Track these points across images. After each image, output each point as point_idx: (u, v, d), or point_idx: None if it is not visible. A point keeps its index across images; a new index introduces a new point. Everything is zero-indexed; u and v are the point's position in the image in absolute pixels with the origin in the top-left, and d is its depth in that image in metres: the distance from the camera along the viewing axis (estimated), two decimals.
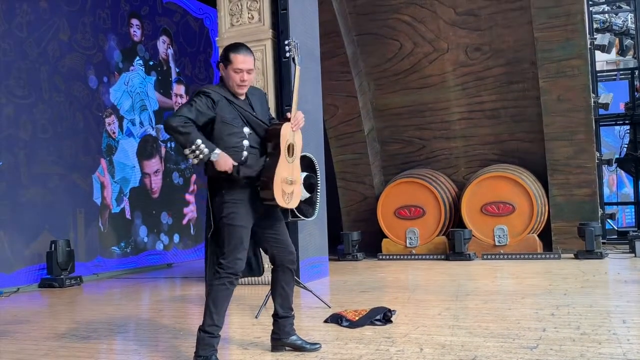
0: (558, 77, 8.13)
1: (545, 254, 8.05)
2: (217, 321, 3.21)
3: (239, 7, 6.60)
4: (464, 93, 9.00)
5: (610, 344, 3.37)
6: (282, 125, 3.33)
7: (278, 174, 3.26)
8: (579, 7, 7.92)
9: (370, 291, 5.80)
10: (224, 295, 3.22)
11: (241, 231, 3.23)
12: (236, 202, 3.24)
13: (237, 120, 3.27)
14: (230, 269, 3.21)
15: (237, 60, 3.27)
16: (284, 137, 3.31)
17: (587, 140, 8.22)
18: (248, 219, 3.27)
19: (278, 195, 3.26)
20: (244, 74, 3.28)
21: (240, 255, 3.23)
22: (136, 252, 8.61)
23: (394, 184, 8.98)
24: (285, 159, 3.32)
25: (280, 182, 3.26)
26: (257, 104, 3.43)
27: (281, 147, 3.29)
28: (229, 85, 3.31)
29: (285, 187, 3.31)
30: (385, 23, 8.98)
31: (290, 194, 3.35)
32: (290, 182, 3.34)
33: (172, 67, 9.64)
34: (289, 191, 3.34)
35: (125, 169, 8.53)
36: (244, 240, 3.24)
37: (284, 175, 3.29)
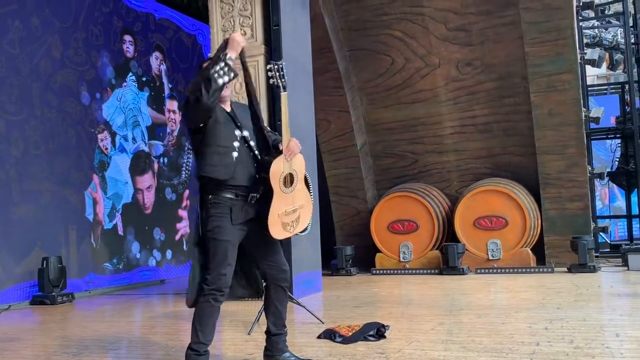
0: (549, 92, 8.19)
1: (538, 268, 8.06)
2: (202, 339, 3.18)
3: (232, 23, 6.63)
4: (456, 107, 9.05)
5: (603, 357, 3.37)
6: (273, 162, 3.25)
7: (273, 212, 3.22)
8: (568, 22, 8.00)
9: (363, 306, 5.78)
10: (209, 312, 3.18)
11: (226, 246, 3.18)
12: (222, 216, 3.19)
13: (229, 122, 3.27)
14: (214, 284, 3.16)
15: None
16: (275, 175, 3.24)
17: (578, 154, 8.27)
18: (234, 234, 3.22)
19: (276, 231, 3.25)
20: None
21: (224, 271, 3.17)
22: (129, 269, 8.56)
23: (387, 198, 8.99)
24: (280, 194, 3.26)
25: (277, 218, 3.23)
26: (240, 114, 3.39)
27: (273, 185, 3.23)
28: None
29: (286, 218, 3.28)
30: (377, 39, 9.03)
31: (295, 221, 3.33)
32: (292, 211, 3.31)
33: (165, 83, 9.65)
34: (292, 219, 3.32)
35: (118, 185, 8.51)
36: (228, 256, 3.19)
37: (281, 210, 3.26)
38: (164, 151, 9.46)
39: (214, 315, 3.22)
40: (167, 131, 9.59)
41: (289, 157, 3.30)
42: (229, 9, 6.66)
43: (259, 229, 3.29)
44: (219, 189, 3.21)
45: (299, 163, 3.37)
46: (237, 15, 6.61)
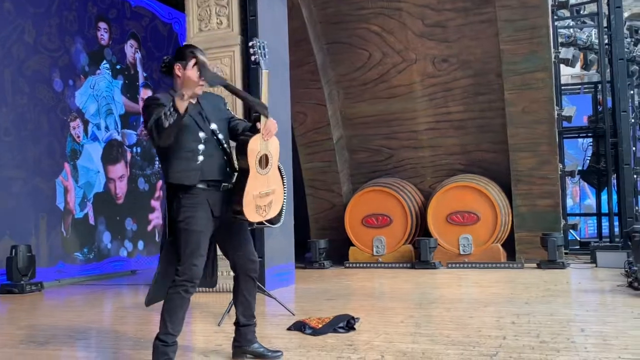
0: (523, 89, 8.27)
1: (508, 263, 8.16)
2: (171, 330, 3.16)
3: (208, 12, 6.58)
4: (432, 103, 9.10)
5: (568, 352, 3.43)
6: (250, 139, 3.23)
7: (248, 192, 3.18)
8: (544, 21, 8.08)
9: (335, 299, 5.80)
10: (178, 303, 3.16)
11: (198, 236, 3.17)
12: (194, 206, 3.18)
13: (192, 123, 3.21)
14: (185, 275, 3.14)
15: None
16: (252, 152, 3.22)
17: (550, 151, 8.38)
18: (207, 224, 3.21)
19: (250, 213, 3.19)
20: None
21: (196, 262, 3.16)
22: (99, 259, 8.48)
23: (362, 193, 9.02)
24: (256, 174, 3.22)
25: (252, 199, 3.18)
26: (208, 106, 3.33)
27: (250, 162, 3.20)
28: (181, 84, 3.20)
29: (260, 200, 3.22)
30: (354, 32, 9.03)
31: (268, 205, 3.27)
32: (266, 194, 3.25)
33: (140, 71, 9.55)
34: (265, 203, 3.25)
35: (90, 174, 8.40)
36: (201, 246, 3.18)
37: (257, 191, 3.21)
38: (137, 140, 9.37)
39: (184, 307, 3.20)
40: (141, 120, 9.49)
41: (267, 136, 3.26)
42: None
43: (230, 218, 3.29)
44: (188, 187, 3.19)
45: (274, 146, 3.33)
46: (214, 5, 6.55)
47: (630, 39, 12.99)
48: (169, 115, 2.96)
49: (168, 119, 2.96)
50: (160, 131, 3.01)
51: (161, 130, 3.00)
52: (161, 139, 3.04)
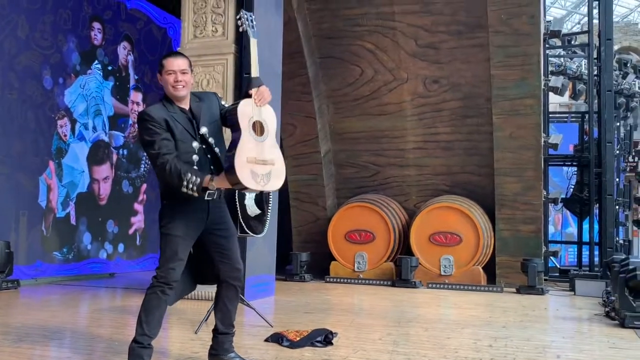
0: (511, 115, 8.36)
1: (488, 287, 8.19)
2: (147, 331, 3.16)
3: (204, 19, 6.59)
4: (420, 123, 9.16)
5: None
6: (240, 102, 3.16)
7: (241, 154, 3.01)
8: (535, 49, 8.18)
9: (314, 313, 5.78)
10: (154, 304, 3.17)
11: (177, 241, 3.17)
12: (175, 212, 3.19)
13: (185, 134, 3.21)
14: (163, 277, 3.16)
15: (168, 63, 3.25)
16: (242, 115, 3.11)
17: (535, 177, 8.45)
18: (188, 230, 3.21)
19: (245, 178, 2.99)
20: (177, 75, 3.23)
21: (173, 265, 3.17)
22: (78, 259, 8.38)
23: (347, 207, 9.03)
24: (250, 138, 3.08)
25: (247, 163, 3.01)
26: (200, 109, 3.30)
27: (241, 125, 3.09)
28: (168, 90, 3.25)
29: (257, 167, 3.04)
30: (348, 48, 9.09)
31: (267, 175, 3.07)
32: (263, 161, 3.07)
33: (131, 73, 9.52)
34: (264, 172, 3.06)
35: (74, 173, 8.33)
36: (179, 251, 3.18)
37: (251, 155, 3.04)
38: (124, 142, 9.32)
39: (160, 308, 3.20)
40: (129, 122, 9.44)
41: (260, 102, 3.18)
42: (202, 4, 6.62)
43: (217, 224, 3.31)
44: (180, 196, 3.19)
45: (270, 115, 3.22)
46: (210, 12, 6.57)
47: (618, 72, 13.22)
48: (190, 189, 3.01)
49: (187, 190, 3.01)
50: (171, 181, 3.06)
51: (172, 182, 3.06)
52: (168, 180, 3.09)
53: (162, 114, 3.19)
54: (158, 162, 3.09)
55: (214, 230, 3.31)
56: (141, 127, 3.19)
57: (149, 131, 3.14)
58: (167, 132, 3.15)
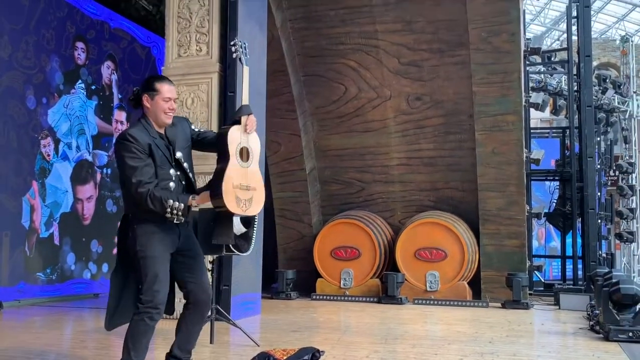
0: (493, 131, 8.45)
1: (473, 302, 8.23)
2: (134, 357, 3.13)
3: (188, 38, 6.62)
4: (404, 140, 9.23)
5: None
6: (230, 128, 3.24)
7: (228, 179, 3.12)
8: (516, 65, 8.31)
9: (301, 331, 5.77)
10: (142, 330, 3.14)
11: (157, 263, 3.16)
12: (149, 235, 3.18)
13: (164, 160, 3.23)
14: (149, 302, 3.13)
15: (165, 90, 3.26)
16: (232, 141, 3.21)
17: (518, 193, 8.53)
18: (164, 252, 3.20)
19: (231, 202, 3.11)
20: (172, 103, 3.27)
21: (157, 288, 3.15)
22: (62, 280, 8.30)
23: (332, 224, 9.05)
24: (237, 164, 3.20)
25: (232, 188, 3.13)
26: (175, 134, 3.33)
27: (230, 151, 3.19)
28: (156, 115, 3.25)
29: (241, 193, 3.16)
30: (332, 67, 9.16)
31: (249, 200, 3.19)
32: (246, 187, 3.19)
33: (115, 93, 9.51)
34: (246, 197, 3.18)
35: (57, 193, 8.28)
36: (159, 272, 3.16)
37: (237, 182, 3.15)
38: (107, 162, 9.28)
39: (147, 334, 3.17)
40: (113, 142, 9.40)
41: (249, 129, 3.28)
42: (186, 24, 6.65)
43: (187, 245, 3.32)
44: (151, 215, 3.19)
45: (255, 142, 3.34)
46: (194, 32, 6.60)
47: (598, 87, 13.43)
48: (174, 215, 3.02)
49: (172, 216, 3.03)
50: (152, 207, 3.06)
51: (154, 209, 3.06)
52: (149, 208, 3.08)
53: (145, 138, 3.18)
54: (138, 189, 3.08)
55: (183, 251, 3.32)
56: (124, 148, 3.15)
57: (132, 154, 3.12)
58: (149, 158, 3.15)
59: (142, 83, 3.36)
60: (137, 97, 3.30)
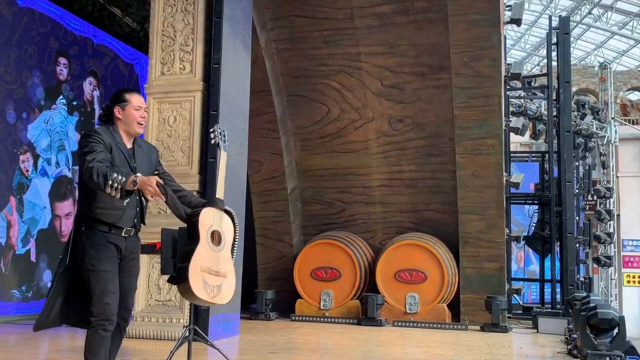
0: (474, 154, 8.53)
1: (453, 325, 8.23)
2: None
3: (172, 56, 6.63)
4: (386, 161, 9.27)
5: None
6: (202, 210, 3.23)
7: (196, 262, 3.07)
8: (496, 90, 8.42)
9: (279, 352, 5.72)
10: (97, 343, 3.16)
11: (105, 276, 3.18)
12: (100, 247, 3.19)
13: (126, 165, 3.25)
14: (100, 315, 3.15)
15: (135, 100, 3.34)
16: (202, 223, 3.18)
17: (497, 216, 8.60)
18: (111, 262, 3.21)
19: (197, 286, 3.06)
20: (142, 111, 3.35)
21: (107, 300, 3.16)
22: (38, 297, 8.15)
23: (313, 245, 9.03)
24: (207, 247, 3.15)
25: (200, 272, 3.08)
26: (141, 155, 3.38)
27: (201, 233, 3.16)
28: (128, 125, 3.30)
29: (209, 277, 3.11)
30: (315, 87, 9.21)
31: (217, 287, 3.14)
32: (216, 272, 3.13)
33: (97, 109, 9.45)
34: (215, 283, 3.13)
35: (35, 209, 8.17)
36: (108, 285, 3.18)
37: (205, 264, 3.10)
38: None
39: (104, 345, 3.19)
40: None
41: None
42: (170, 42, 6.66)
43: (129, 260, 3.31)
44: (101, 225, 3.21)
45: (229, 226, 3.31)
46: (178, 50, 6.61)
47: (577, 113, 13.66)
48: (114, 188, 2.97)
49: (111, 190, 2.98)
50: (95, 184, 3.03)
51: (96, 185, 3.03)
52: (92, 186, 3.07)
53: (109, 138, 3.24)
54: (88, 165, 3.05)
55: (123, 266, 3.30)
56: (84, 142, 3.19)
57: (90, 144, 3.16)
58: (106, 151, 3.18)
59: (111, 98, 3.43)
60: (108, 111, 3.37)
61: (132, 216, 3.28)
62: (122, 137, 3.31)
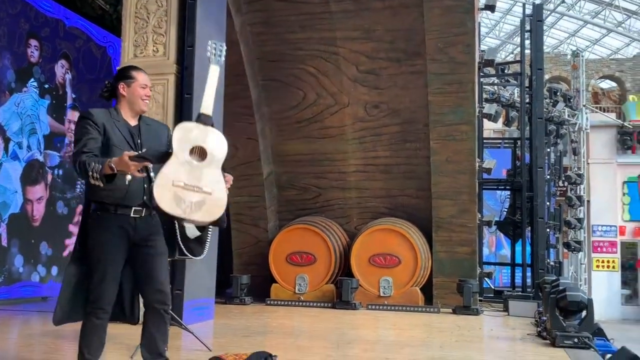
0: (448, 140, 8.60)
1: (425, 308, 8.34)
2: (88, 355, 3.12)
3: (145, 39, 6.55)
4: (361, 147, 9.31)
5: None
6: (178, 125, 3.08)
7: (164, 176, 2.85)
8: (470, 77, 8.48)
9: (254, 336, 5.75)
10: (90, 328, 3.14)
11: (105, 263, 3.13)
12: (105, 231, 3.15)
13: (124, 144, 3.19)
14: (95, 302, 3.13)
15: (141, 77, 3.33)
16: (176, 139, 2.96)
17: (470, 201, 8.70)
18: (118, 250, 3.15)
19: (164, 200, 2.82)
20: (148, 90, 3.34)
21: (103, 287, 3.12)
22: (9, 283, 8.06)
23: (288, 230, 9.05)
24: (182, 162, 2.91)
25: (170, 186, 2.85)
26: (147, 132, 3.32)
27: (174, 148, 2.94)
28: (132, 102, 3.28)
29: (183, 192, 2.86)
30: (291, 72, 9.18)
31: (196, 205, 2.88)
32: (195, 188, 2.89)
33: (69, 92, 9.32)
34: (192, 200, 2.87)
35: (6, 194, 8.05)
36: (107, 273, 3.13)
37: (178, 178, 2.86)
38: (59, 162, 9.08)
39: (97, 332, 3.16)
40: (66, 142, 9.22)
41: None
42: (143, 24, 6.58)
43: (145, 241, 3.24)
44: (108, 205, 3.16)
45: (216, 142, 3.06)
46: (151, 32, 6.54)
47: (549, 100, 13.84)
48: (95, 178, 2.92)
49: (94, 180, 2.93)
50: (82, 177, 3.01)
51: (83, 178, 3.01)
52: (81, 178, 3.05)
53: (102, 118, 3.18)
54: (74, 160, 3.05)
55: (140, 247, 3.23)
56: (76, 128, 3.19)
57: (82, 130, 3.13)
58: (99, 135, 3.12)
59: (116, 74, 3.42)
60: (111, 88, 3.33)
61: (139, 193, 3.16)
62: (123, 115, 3.27)
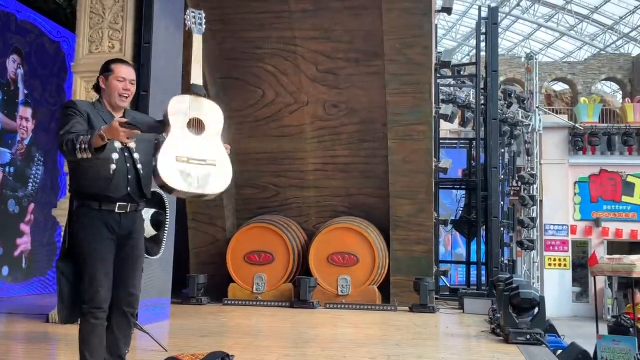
0: (405, 140, 8.70)
1: (383, 306, 8.42)
2: (88, 357, 3.04)
3: (100, 34, 6.42)
4: (320, 146, 9.33)
5: None
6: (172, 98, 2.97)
7: (166, 152, 2.77)
8: (427, 78, 8.60)
9: (210, 336, 5.71)
10: (90, 330, 3.05)
11: (95, 261, 3.06)
12: (92, 228, 3.07)
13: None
14: (90, 302, 3.04)
15: (119, 69, 3.20)
16: (172, 112, 2.88)
17: (426, 200, 8.82)
18: (102, 245, 3.08)
19: (171, 178, 2.74)
20: (127, 83, 3.19)
21: (96, 286, 3.05)
22: None
23: (246, 228, 9.00)
24: (182, 135, 2.82)
25: (174, 161, 2.78)
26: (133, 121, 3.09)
27: (171, 123, 2.87)
28: (110, 96, 3.18)
29: (189, 167, 2.77)
30: (250, 70, 9.13)
31: (203, 178, 2.80)
32: (199, 161, 2.82)
33: (21, 88, 9.07)
34: (200, 173, 2.80)
35: None
36: (97, 271, 3.05)
37: (181, 153, 2.78)
38: (11, 160, 8.83)
39: (96, 333, 3.07)
40: (17, 139, 8.97)
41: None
42: (98, 19, 6.45)
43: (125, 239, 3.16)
44: (91, 201, 3.08)
45: (212, 113, 2.99)
46: (107, 28, 6.41)
47: (503, 101, 14.13)
48: (82, 150, 2.84)
49: (81, 152, 2.85)
50: (69, 154, 2.92)
51: (70, 155, 2.91)
52: (69, 157, 2.99)
53: (86, 108, 3.11)
54: (59, 140, 2.94)
55: (122, 245, 3.16)
56: (60, 116, 3.10)
57: (67, 116, 3.05)
58: (84, 121, 3.05)
59: (103, 64, 3.30)
60: (97, 84, 3.26)
61: (122, 185, 3.07)
62: (106, 107, 3.18)
